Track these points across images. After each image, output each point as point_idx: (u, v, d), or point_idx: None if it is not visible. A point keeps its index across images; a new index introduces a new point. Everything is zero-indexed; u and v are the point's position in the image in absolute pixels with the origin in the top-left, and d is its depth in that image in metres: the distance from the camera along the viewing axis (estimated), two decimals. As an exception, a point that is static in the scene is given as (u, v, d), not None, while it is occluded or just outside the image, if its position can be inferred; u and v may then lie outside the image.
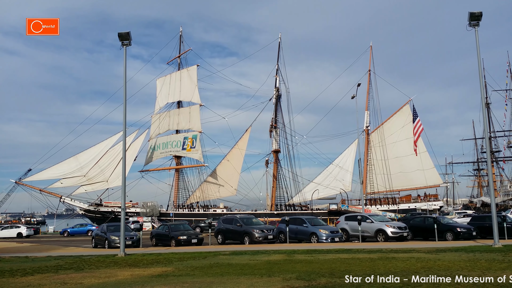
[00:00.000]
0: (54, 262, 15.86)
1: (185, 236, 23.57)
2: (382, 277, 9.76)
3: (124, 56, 19.58)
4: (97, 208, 63.55)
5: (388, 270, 11.17)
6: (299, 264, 12.84)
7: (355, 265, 12.24)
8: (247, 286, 9.20)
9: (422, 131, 70.64)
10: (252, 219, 25.28)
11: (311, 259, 14.17)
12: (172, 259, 15.29)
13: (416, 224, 24.96)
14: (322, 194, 71.64)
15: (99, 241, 24.64)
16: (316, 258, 14.41)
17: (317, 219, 25.04)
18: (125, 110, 19.67)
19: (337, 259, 13.88)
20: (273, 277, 10.25)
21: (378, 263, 12.62)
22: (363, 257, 14.50)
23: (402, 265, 12.16)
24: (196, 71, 69.89)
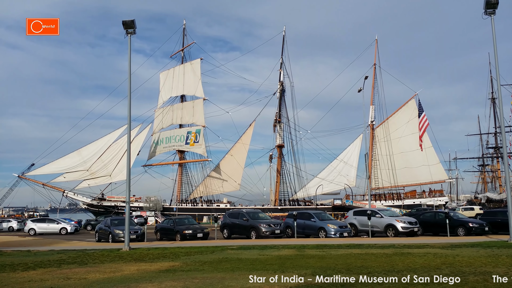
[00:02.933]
0: (57, 256, 15.40)
1: (191, 230, 23.10)
2: (403, 273, 9.23)
3: (129, 45, 19.02)
4: (100, 203, 63.22)
5: (407, 266, 10.64)
6: (312, 259, 12.31)
7: (371, 261, 11.70)
8: (261, 283, 8.68)
9: (427, 126, 69.83)
10: (259, 213, 24.78)
11: (323, 254, 13.65)
12: (179, 254, 14.80)
13: (426, 219, 24.40)
14: (326, 189, 71.06)
15: (103, 235, 24.20)
16: (328, 253, 13.89)
17: (325, 214, 24.52)
18: (129, 101, 19.14)
19: (351, 255, 13.35)
20: (287, 272, 9.71)
21: (395, 259, 12.08)
22: (377, 252, 13.97)
23: (420, 261, 11.63)
24: (199, 64, 69.25)
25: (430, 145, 68.87)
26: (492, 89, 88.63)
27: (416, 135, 68.05)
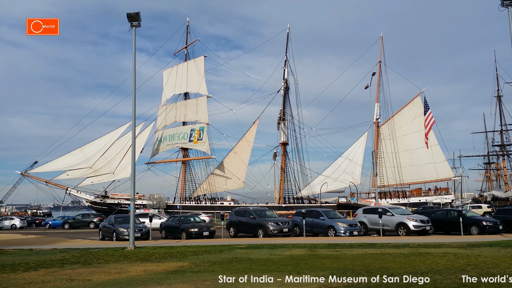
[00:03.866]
0: (60, 255, 14.86)
1: (196, 228, 22.53)
2: (428, 275, 8.63)
3: (133, 38, 18.45)
4: (103, 200, 62.81)
5: (429, 267, 10.05)
6: (326, 260, 11.72)
7: (390, 262, 11.10)
8: (278, 286, 8.10)
9: (433, 123, 69.12)
10: (266, 211, 24.19)
11: (337, 254, 13.05)
12: (186, 253, 14.23)
13: (437, 217, 23.76)
14: (331, 187, 70.49)
15: (107, 233, 23.68)
16: (342, 253, 13.29)
17: (334, 212, 23.94)
18: (134, 96, 18.57)
19: (366, 255, 12.75)
20: (303, 274, 9.13)
21: (414, 259, 11.48)
22: (394, 252, 13.37)
23: (442, 261, 11.02)
24: (203, 62, 68.62)
25: (436, 142, 68.19)
26: (498, 87, 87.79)
27: (421, 133, 67.39)
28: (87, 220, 41.27)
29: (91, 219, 41.20)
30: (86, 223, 40.48)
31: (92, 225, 39.90)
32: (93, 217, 42.10)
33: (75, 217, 43.45)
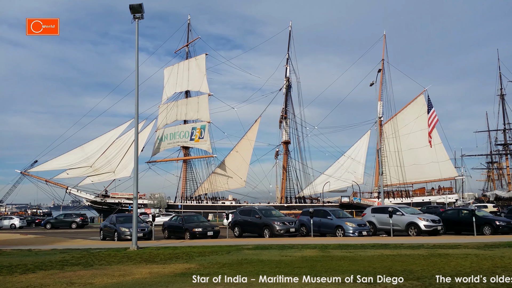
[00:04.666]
0: (60, 256, 14.20)
1: (200, 228, 21.86)
2: (457, 278, 7.98)
3: (136, 31, 17.75)
4: (103, 200, 62.13)
5: (455, 269, 9.38)
6: (342, 262, 11.05)
7: (411, 264, 10.44)
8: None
9: (437, 122, 68.44)
10: (272, 210, 23.51)
11: (352, 255, 12.38)
12: (192, 254, 13.56)
13: (448, 217, 23.12)
14: (333, 186, 69.81)
15: (108, 233, 23.02)
16: (357, 254, 12.62)
17: (342, 211, 23.25)
18: (137, 91, 17.91)
19: (382, 256, 12.09)
20: (322, 278, 8.47)
21: (436, 261, 10.82)
22: (411, 253, 12.70)
23: (466, 263, 10.36)
24: (204, 60, 67.91)
25: (440, 141, 67.52)
26: (501, 85, 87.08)
27: (425, 131, 66.71)
28: (69, 220, 40.56)
29: (73, 219, 40.52)
30: (68, 223, 39.84)
31: (74, 225, 39.38)
32: (75, 217, 41.44)
33: (57, 217, 42.92)
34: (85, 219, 41.14)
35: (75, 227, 38.94)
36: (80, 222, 39.79)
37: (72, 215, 43.56)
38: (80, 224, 39.64)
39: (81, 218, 40.60)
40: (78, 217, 41.39)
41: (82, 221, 40.19)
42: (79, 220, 40.19)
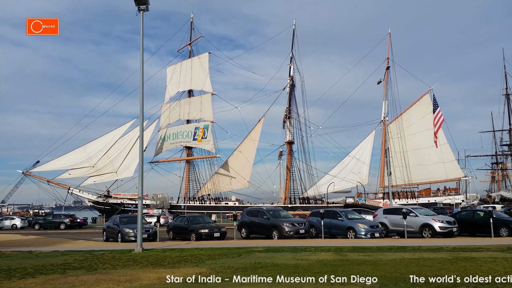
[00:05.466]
0: (61, 259, 13.49)
1: (207, 229, 21.14)
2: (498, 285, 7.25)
3: (141, 23, 17.05)
4: (106, 200, 61.50)
5: (492, 275, 8.63)
6: (364, 266, 10.31)
7: (439, 269, 9.69)
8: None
9: (442, 122, 67.56)
10: (280, 211, 22.76)
11: (372, 259, 11.63)
12: (201, 257, 12.83)
13: (462, 218, 22.33)
14: (338, 187, 69.06)
15: (111, 234, 22.30)
16: (377, 258, 11.87)
17: (353, 212, 22.46)
18: (142, 86, 17.21)
19: (405, 260, 11.33)
20: (348, 285, 7.74)
21: (465, 266, 10.07)
22: (433, 257, 11.95)
23: (498, 268, 9.63)
24: (207, 58, 67.19)
25: (445, 141, 66.68)
26: (506, 85, 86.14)
27: (430, 131, 65.86)
28: (57, 221, 40.17)
29: (62, 220, 40.12)
30: (57, 224, 39.44)
31: (63, 226, 38.96)
32: (64, 217, 41.01)
33: (45, 218, 42.59)
34: (74, 220, 40.55)
35: (64, 228, 38.57)
36: (68, 223, 39.32)
37: (61, 216, 43.28)
38: (68, 225, 39.17)
39: (69, 219, 40.10)
40: (66, 218, 40.93)
41: (70, 221, 39.67)
42: (67, 220, 39.77)
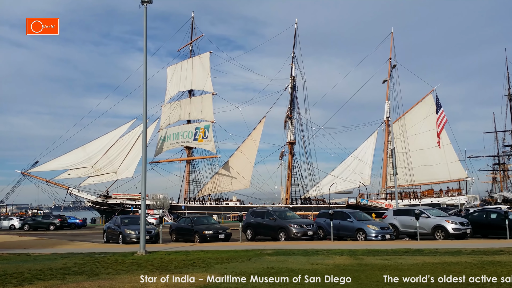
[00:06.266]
0: (61, 262, 12.77)
1: (211, 230, 20.44)
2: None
3: (145, 16, 16.35)
4: (105, 200, 60.74)
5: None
6: (387, 271, 9.58)
7: (471, 275, 8.98)
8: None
9: (446, 122, 67.01)
10: (287, 212, 22.05)
11: (392, 264, 10.92)
12: (209, 261, 12.10)
13: (475, 219, 21.65)
14: (340, 187, 68.44)
15: (112, 235, 21.61)
16: (397, 262, 11.16)
17: (362, 213, 21.77)
18: (145, 82, 16.52)
19: (429, 265, 10.62)
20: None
21: (496, 271, 9.37)
22: (457, 261, 11.24)
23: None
24: (208, 58, 66.47)
25: (449, 142, 66.19)
26: (509, 85, 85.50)
27: (433, 132, 65.34)
28: (47, 221, 39.58)
29: (52, 221, 39.53)
30: (46, 225, 38.85)
31: (53, 227, 38.38)
32: (54, 218, 40.42)
33: (35, 219, 42.06)
34: (64, 221, 39.93)
35: (53, 229, 38.03)
36: (58, 224, 38.71)
37: (50, 216, 42.70)
38: (58, 225, 38.57)
39: (59, 220, 39.49)
40: (56, 218, 40.36)
41: (60, 222, 39.05)
42: (57, 221, 39.19)
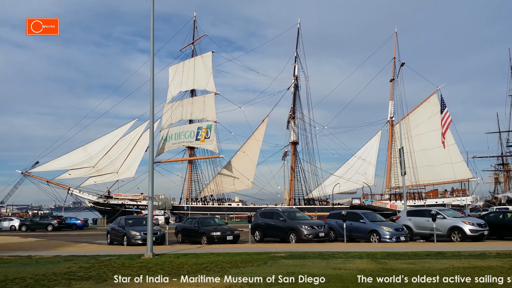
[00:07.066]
0: (64, 266, 12.08)
1: (219, 232, 19.74)
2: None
3: (152, 8, 15.66)
4: (106, 201, 60.06)
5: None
6: (420, 277, 8.89)
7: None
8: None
9: (450, 122, 66.35)
10: (296, 212, 21.34)
11: (420, 268, 10.21)
12: (223, 265, 11.39)
13: (490, 220, 20.98)
14: (343, 188, 67.85)
15: (116, 236, 20.92)
16: (424, 267, 10.46)
17: (375, 214, 21.07)
18: (152, 77, 15.83)
19: (460, 270, 9.92)
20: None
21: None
22: (488, 265, 10.54)
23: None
24: (211, 57, 65.90)
25: (453, 142, 65.57)
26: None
27: (438, 132, 64.69)
28: (45, 222, 39.00)
29: (49, 222, 38.91)
30: (44, 226, 38.29)
31: (50, 228, 37.80)
32: (52, 219, 39.81)
33: (33, 219, 41.51)
34: (62, 222, 39.32)
35: (51, 230, 37.46)
36: (56, 225, 38.09)
37: (48, 217, 42.10)
38: (56, 226, 37.96)
39: (57, 221, 38.92)
40: (54, 219, 39.75)
41: (58, 223, 38.41)
42: (55, 222, 38.55)
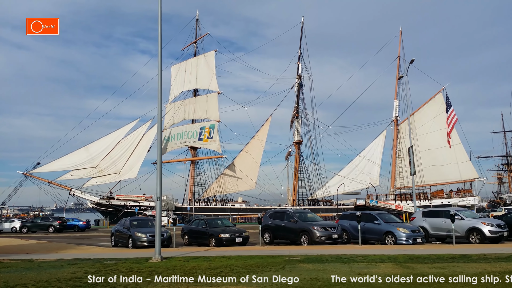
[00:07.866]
0: (69, 271, 11.36)
1: (228, 234, 19.02)
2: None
3: (159, 9, 14.96)
4: (108, 202, 59.37)
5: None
6: (458, 285, 8.16)
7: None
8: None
9: (456, 122, 65.53)
10: (308, 213, 20.60)
11: (451, 273, 9.49)
12: (238, 269, 10.65)
13: (509, 221, 20.25)
14: (348, 188, 67.09)
15: (121, 238, 20.20)
16: (456, 271, 9.73)
17: (390, 215, 20.33)
18: (160, 73, 15.14)
19: (496, 274, 9.20)
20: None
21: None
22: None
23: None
24: (213, 56, 65.30)
25: (459, 141, 64.87)
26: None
27: (443, 131, 63.84)
28: (46, 223, 38.41)
29: (51, 223, 38.30)
30: (45, 227, 37.76)
31: (51, 229, 37.25)
32: (53, 220, 39.17)
33: (34, 221, 40.95)
34: (63, 223, 38.65)
35: (53, 231, 36.91)
36: (57, 226, 37.51)
37: (49, 218, 41.48)
38: (57, 228, 37.39)
39: (58, 222, 38.30)
40: (55, 220, 39.12)
41: (60, 224, 37.77)
42: (56, 223, 37.97)
